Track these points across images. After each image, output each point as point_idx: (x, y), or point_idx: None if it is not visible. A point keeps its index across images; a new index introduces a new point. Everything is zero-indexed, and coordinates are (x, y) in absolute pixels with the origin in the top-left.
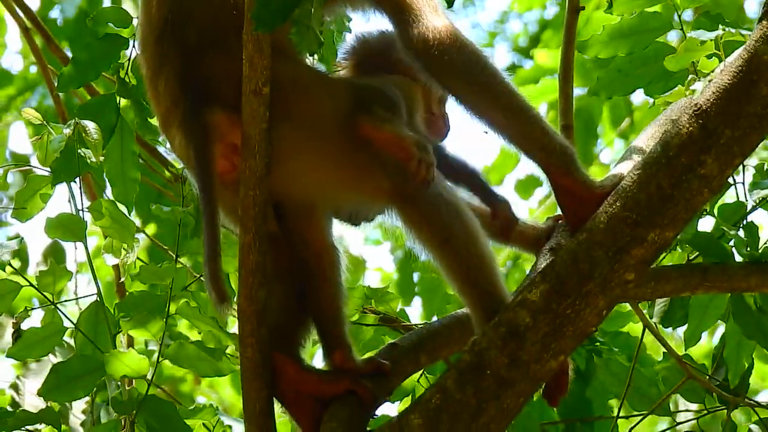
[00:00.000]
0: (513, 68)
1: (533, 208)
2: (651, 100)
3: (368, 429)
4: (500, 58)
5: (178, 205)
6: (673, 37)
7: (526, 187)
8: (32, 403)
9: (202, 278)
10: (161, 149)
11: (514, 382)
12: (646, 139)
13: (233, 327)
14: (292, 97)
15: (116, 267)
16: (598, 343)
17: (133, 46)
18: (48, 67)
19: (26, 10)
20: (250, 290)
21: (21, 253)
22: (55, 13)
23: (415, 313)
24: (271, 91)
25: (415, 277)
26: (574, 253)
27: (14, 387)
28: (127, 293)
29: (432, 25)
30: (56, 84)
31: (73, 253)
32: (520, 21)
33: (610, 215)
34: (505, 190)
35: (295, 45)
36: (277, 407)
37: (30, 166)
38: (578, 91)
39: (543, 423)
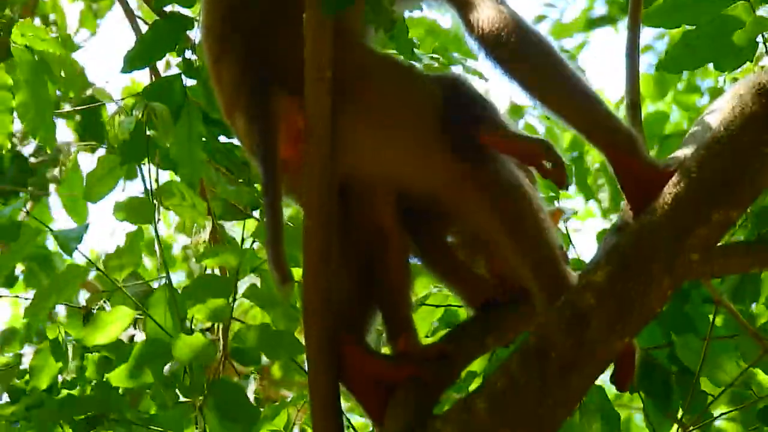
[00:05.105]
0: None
1: None
2: None
3: (434, 413)
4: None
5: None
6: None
7: None
8: None
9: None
10: None
11: (580, 364)
12: (713, 115)
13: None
14: (358, 80)
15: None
16: None
17: (198, 27)
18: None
19: None
20: (314, 275)
21: None
22: None
23: None
24: (337, 75)
25: None
26: (638, 234)
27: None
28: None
29: (496, 9)
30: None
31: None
32: None
33: (674, 196)
34: None
35: (370, 22)
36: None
37: (99, 145)
38: None
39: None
